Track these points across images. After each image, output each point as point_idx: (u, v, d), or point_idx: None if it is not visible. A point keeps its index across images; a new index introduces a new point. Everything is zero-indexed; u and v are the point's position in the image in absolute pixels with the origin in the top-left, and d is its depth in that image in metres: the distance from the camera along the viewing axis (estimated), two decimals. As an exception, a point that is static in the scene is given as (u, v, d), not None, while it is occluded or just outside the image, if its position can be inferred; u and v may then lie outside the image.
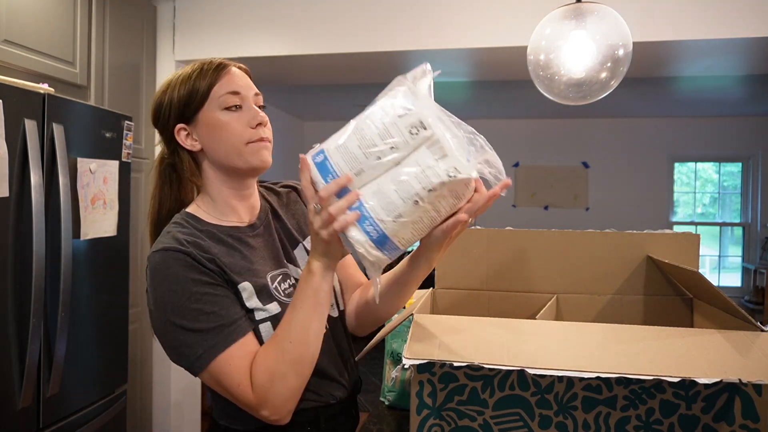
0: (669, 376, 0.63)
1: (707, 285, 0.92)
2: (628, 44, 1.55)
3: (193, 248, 0.88)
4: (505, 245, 1.19)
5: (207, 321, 0.84)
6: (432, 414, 0.79)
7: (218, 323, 0.84)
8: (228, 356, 0.83)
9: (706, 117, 5.74)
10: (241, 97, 0.95)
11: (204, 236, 0.92)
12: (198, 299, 0.84)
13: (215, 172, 0.97)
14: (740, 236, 5.91)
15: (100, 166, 2.05)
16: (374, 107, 0.78)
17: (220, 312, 0.85)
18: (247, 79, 0.98)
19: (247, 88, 0.96)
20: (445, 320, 0.84)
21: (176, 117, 0.96)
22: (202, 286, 0.85)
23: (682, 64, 2.94)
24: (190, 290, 0.84)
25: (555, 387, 0.75)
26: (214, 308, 0.85)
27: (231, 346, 0.83)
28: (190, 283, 0.85)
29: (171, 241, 0.88)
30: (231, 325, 0.85)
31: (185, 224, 0.94)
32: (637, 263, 1.16)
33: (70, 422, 1.93)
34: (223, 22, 2.81)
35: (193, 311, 0.84)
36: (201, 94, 0.94)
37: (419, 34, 2.60)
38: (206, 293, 0.85)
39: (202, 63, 0.97)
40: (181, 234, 0.90)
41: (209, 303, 0.85)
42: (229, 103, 0.94)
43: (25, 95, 1.72)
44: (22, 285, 1.71)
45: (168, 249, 0.87)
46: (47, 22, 2.13)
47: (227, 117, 0.93)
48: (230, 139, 0.93)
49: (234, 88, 0.95)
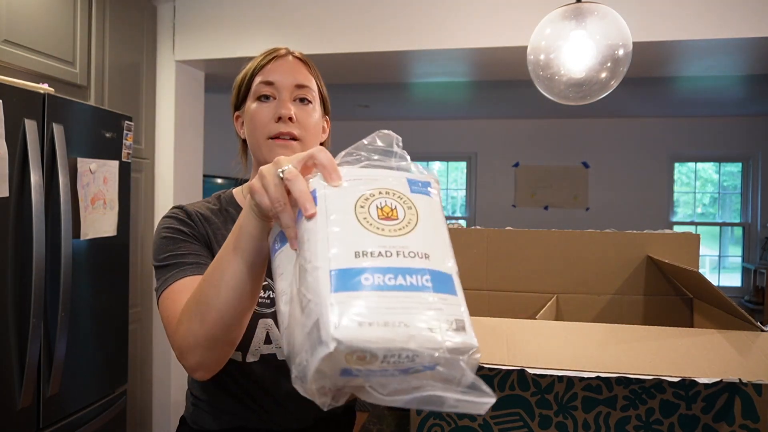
0: (669, 375, 0.63)
1: (707, 285, 0.92)
2: (628, 44, 1.55)
3: (198, 217, 0.94)
4: (506, 245, 1.19)
5: (173, 258, 0.87)
6: (432, 414, 0.79)
7: (179, 260, 0.87)
8: (172, 289, 0.83)
9: (706, 117, 5.74)
10: (275, 88, 0.92)
11: (220, 213, 0.98)
12: (172, 241, 0.89)
13: (254, 162, 0.98)
14: (740, 236, 5.91)
15: (100, 166, 2.05)
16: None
17: (185, 253, 0.88)
18: (294, 70, 0.94)
19: (286, 79, 0.92)
20: (445, 320, 0.84)
21: (234, 104, 0.99)
22: (181, 233, 0.91)
23: (682, 64, 2.94)
24: (169, 235, 0.90)
25: (555, 387, 0.75)
26: (181, 250, 0.88)
27: (179, 280, 0.83)
28: (173, 230, 0.91)
29: (190, 205, 0.97)
30: (189, 264, 0.86)
31: (215, 201, 1.01)
32: (637, 263, 1.16)
33: (70, 422, 1.93)
34: (223, 22, 2.81)
35: (165, 250, 0.88)
36: (247, 83, 0.95)
37: (419, 34, 2.60)
38: (181, 239, 0.90)
39: (267, 49, 0.98)
40: (205, 204, 0.99)
41: (180, 245, 0.89)
42: (261, 92, 0.92)
43: (25, 95, 1.72)
44: (22, 285, 1.71)
45: (181, 206, 0.96)
46: (47, 22, 2.13)
47: (256, 107, 0.93)
48: (255, 131, 0.92)
49: (269, 77, 0.92)
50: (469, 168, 6.34)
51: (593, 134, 5.98)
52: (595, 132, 5.97)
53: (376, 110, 5.83)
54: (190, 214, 0.94)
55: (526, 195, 6.12)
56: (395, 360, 0.45)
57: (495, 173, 6.19)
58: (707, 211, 6.06)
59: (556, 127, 6.03)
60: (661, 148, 5.85)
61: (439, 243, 0.54)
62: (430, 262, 0.51)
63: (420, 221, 0.54)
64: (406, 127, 6.36)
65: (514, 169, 6.14)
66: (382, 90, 4.82)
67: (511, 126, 6.15)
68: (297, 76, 0.93)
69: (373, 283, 0.47)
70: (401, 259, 0.50)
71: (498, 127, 6.18)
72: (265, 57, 0.95)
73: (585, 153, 5.99)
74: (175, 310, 0.78)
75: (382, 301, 0.46)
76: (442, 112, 5.91)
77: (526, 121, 6.10)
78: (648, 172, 5.87)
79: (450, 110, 5.79)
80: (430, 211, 0.56)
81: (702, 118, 5.76)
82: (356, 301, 0.46)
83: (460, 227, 1.22)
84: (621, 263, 1.16)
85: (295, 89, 0.92)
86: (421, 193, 0.57)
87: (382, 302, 0.46)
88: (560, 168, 6.04)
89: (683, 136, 5.81)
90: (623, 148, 5.91)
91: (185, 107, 3.03)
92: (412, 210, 0.54)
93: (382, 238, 0.51)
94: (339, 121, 7.45)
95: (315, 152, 0.56)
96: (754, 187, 5.75)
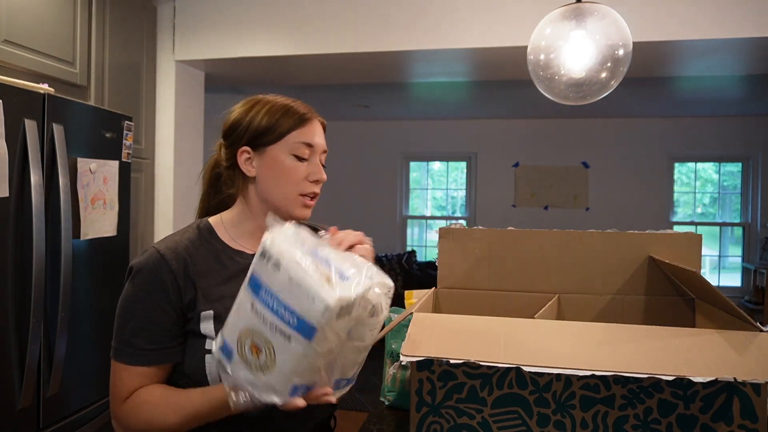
0: (664, 374, 0.63)
1: (707, 285, 0.92)
2: (628, 44, 1.55)
3: (181, 266, 0.93)
4: (507, 245, 1.19)
5: (132, 332, 0.91)
6: (431, 412, 0.79)
7: (135, 341, 0.90)
8: (124, 369, 0.91)
9: (706, 117, 5.74)
10: (312, 151, 1.00)
11: (205, 251, 0.98)
12: (142, 312, 0.91)
13: (257, 202, 1.01)
14: (740, 236, 5.91)
15: (100, 166, 2.05)
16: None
17: (151, 332, 0.91)
18: (323, 135, 1.03)
19: (320, 144, 1.01)
20: (443, 319, 0.84)
21: (247, 140, 0.99)
22: (155, 306, 0.91)
23: (682, 64, 2.94)
24: (145, 300, 0.91)
25: (553, 386, 0.75)
26: (148, 325, 0.91)
27: (132, 366, 0.91)
28: (148, 296, 0.91)
29: (171, 245, 0.95)
30: (141, 350, 0.90)
31: (198, 232, 1.00)
32: (638, 263, 1.16)
33: (70, 422, 1.93)
34: (223, 22, 2.81)
35: (133, 316, 0.91)
36: (279, 132, 0.98)
37: (419, 34, 2.60)
38: (152, 314, 0.91)
39: (291, 104, 1.01)
40: (188, 241, 0.97)
41: (146, 322, 0.91)
42: (300, 152, 0.98)
43: (25, 95, 1.72)
44: (22, 285, 1.72)
45: (161, 253, 0.93)
46: (47, 22, 2.13)
47: (293, 164, 0.98)
48: (287, 185, 0.98)
49: (310, 140, 0.99)
50: (469, 168, 6.34)
51: (593, 134, 5.98)
52: (595, 132, 5.97)
53: (376, 110, 5.83)
54: (174, 271, 0.92)
55: (526, 195, 6.12)
56: None
57: (495, 173, 6.19)
58: (707, 211, 6.06)
59: (556, 127, 6.03)
60: (661, 148, 5.85)
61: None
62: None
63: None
64: (406, 127, 6.37)
65: (514, 169, 6.14)
66: (382, 90, 4.82)
67: (511, 126, 6.15)
68: (324, 143, 1.04)
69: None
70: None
71: (498, 127, 6.18)
72: (299, 112, 1.00)
73: (585, 153, 5.99)
74: (124, 390, 0.91)
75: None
76: (442, 112, 5.91)
77: (526, 121, 6.09)
78: (648, 172, 5.87)
79: (450, 110, 5.79)
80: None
81: (702, 118, 5.76)
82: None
83: (462, 227, 1.22)
84: (623, 263, 1.16)
85: (322, 154, 1.03)
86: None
87: None
88: (560, 168, 6.03)
89: (683, 136, 5.81)
90: (623, 148, 5.91)
91: (185, 107, 3.03)
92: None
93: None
94: (339, 121, 7.42)
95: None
96: (754, 187, 5.75)
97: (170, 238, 0.98)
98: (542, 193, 6.07)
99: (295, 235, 0.74)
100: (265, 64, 2.97)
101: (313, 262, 0.68)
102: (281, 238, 0.73)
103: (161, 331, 0.91)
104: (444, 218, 6.50)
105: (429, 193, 6.65)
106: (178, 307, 0.92)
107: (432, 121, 6.30)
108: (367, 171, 6.40)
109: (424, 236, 6.63)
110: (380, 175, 6.42)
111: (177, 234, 1.00)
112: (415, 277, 5.90)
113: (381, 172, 6.42)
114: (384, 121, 6.39)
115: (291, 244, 0.71)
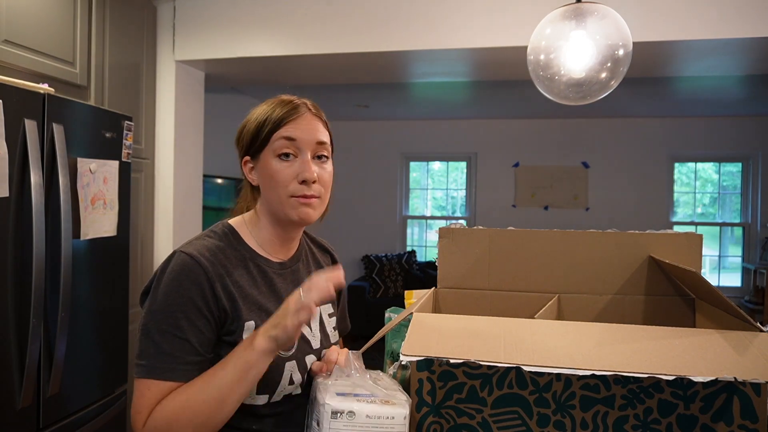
0: (664, 374, 0.63)
1: (706, 285, 0.92)
2: (628, 44, 1.55)
3: (216, 271, 0.88)
4: (508, 245, 1.19)
5: (170, 344, 0.84)
6: (431, 412, 0.79)
7: (174, 353, 0.84)
8: (151, 385, 0.83)
9: (706, 117, 5.74)
10: (297, 145, 0.93)
11: (234, 258, 0.93)
12: (180, 321, 0.84)
13: (263, 210, 0.99)
14: (740, 236, 5.91)
15: (100, 166, 2.05)
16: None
17: (184, 345, 0.84)
18: (313, 127, 0.95)
19: (307, 136, 0.93)
20: (443, 319, 0.84)
21: (246, 149, 0.97)
22: (194, 312, 0.85)
23: (682, 64, 2.94)
24: (181, 308, 0.85)
25: (553, 386, 0.75)
26: (185, 336, 0.84)
27: (161, 381, 0.83)
28: (187, 302, 0.85)
29: (202, 250, 0.89)
30: (181, 364, 0.84)
31: (222, 237, 0.95)
32: (638, 263, 1.16)
33: (70, 422, 1.93)
34: (223, 22, 2.81)
35: (169, 326, 0.84)
36: (264, 135, 0.93)
37: (419, 34, 2.60)
38: (192, 322, 0.85)
39: (279, 100, 0.96)
40: (216, 248, 0.91)
41: (185, 331, 0.85)
42: (282, 150, 0.92)
43: (25, 95, 1.72)
44: (22, 285, 1.72)
45: (195, 258, 0.87)
46: (47, 22, 2.13)
47: (277, 165, 0.93)
48: (276, 189, 0.93)
49: (290, 133, 0.92)
50: (469, 168, 6.34)
51: (593, 134, 5.98)
52: (595, 132, 5.97)
53: (376, 110, 5.83)
54: (210, 278, 0.87)
55: (526, 195, 6.12)
56: None
57: (495, 173, 6.19)
58: (707, 211, 6.06)
59: (556, 127, 6.03)
60: (661, 148, 5.85)
61: None
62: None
63: None
64: (406, 127, 6.37)
65: (514, 169, 6.14)
66: (382, 90, 4.82)
67: (511, 126, 6.15)
68: (316, 134, 0.95)
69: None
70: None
71: (498, 127, 6.18)
72: (282, 110, 0.94)
73: (585, 153, 5.99)
74: (146, 406, 0.82)
75: None
76: (442, 112, 5.91)
77: (526, 121, 6.10)
78: (648, 172, 5.87)
79: (450, 110, 5.79)
80: None
81: (702, 118, 5.76)
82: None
83: (462, 227, 1.22)
84: (623, 263, 1.16)
85: (315, 146, 0.95)
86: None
87: None
88: (560, 168, 6.04)
89: (683, 136, 5.81)
90: (623, 148, 5.91)
91: (185, 107, 3.03)
92: None
93: None
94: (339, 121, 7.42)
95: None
96: (754, 187, 5.75)
97: (197, 242, 0.92)
98: (542, 193, 6.07)
99: (331, 388, 0.83)
100: (265, 64, 2.97)
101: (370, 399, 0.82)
102: (332, 395, 0.82)
103: (204, 342, 0.86)
104: (444, 218, 6.50)
105: (429, 193, 6.65)
106: (216, 315, 0.88)
107: (432, 121, 6.30)
108: (367, 171, 6.40)
109: (424, 236, 6.63)
110: (380, 175, 6.42)
111: (201, 238, 0.94)
112: (415, 277, 5.90)
113: (381, 172, 6.42)
114: (384, 121, 6.40)
115: (345, 398, 0.81)
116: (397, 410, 0.77)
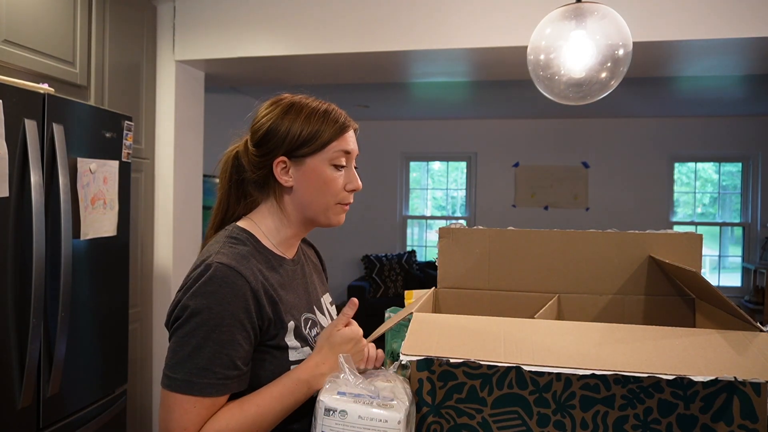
0: (664, 373, 0.63)
1: (706, 286, 0.92)
2: (628, 44, 1.55)
3: (257, 280, 0.89)
4: (508, 245, 1.19)
5: (209, 359, 0.83)
6: (431, 412, 0.79)
7: (214, 369, 0.83)
8: (194, 402, 0.83)
9: (706, 117, 5.74)
10: (348, 158, 0.99)
11: (263, 262, 0.94)
12: (222, 335, 0.84)
13: (294, 211, 1.00)
14: (740, 236, 5.91)
15: (100, 166, 2.05)
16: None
17: (234, 356, 0.84)
18: (355, 140, 1.02)
19: (356, 149, 1.01)
20: (443, 318, 0.84)
21: (285, 150, 0.96)
22: (237, 328, 0.85)
23: (682, 64, 2.94)
24: (224, 323, 0.84)
25: (553, 386, 0.75)
26: (231, 349, 0.84)
27: (203, 397, 0.83)
28: (229, 317, 0.84)
29: (239, 259, 0.89)
30: (222, 378, 0.84)
31: (245, 242, 0.95)
32: (638, 263, 1.16)
33: (70, 422, 1.93)
34: (223, 22, 2.81)
35: (209, 340, 0.83)
36: (321, 143, 0.95)
37: (419, 34, 2.60)
38: (233, 336, 0.85)
39: (329, 111, 0.97)
40: (248, 254, 0.92)
41: (227, 347, 0.84)
42: (340, 161, 0.97)
43: (25, 95, 1.72)
44: (22, 285, 1.72)
45: (236, 269, 0.87)
46: (47, 22, 2.13)
47: (333, 174, 0.97)
48: (326, 195, 0.97)
49: (348, 147, 0.98)
50: (469, 168, 6.34)
51: (593, 134, 5.98)
52: (595, 132, 5.97)
53: (376, 110, 5.83)
54: (256, 293, 0.88)
55: (526, 195, 6.12)
56: None
57: (495, 173, 6.19)
58: (707, 211, 6.06)
59: (556, 127, 6.03)
60: (661, 148, 5.85)
61: None
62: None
63: None
64: (406, 127, 6.37)
65: (514, 169, 6.14)
66: (382, 90, 4.82)
67: (511, 126, 6.15)
68: (357, 147, 1.03)
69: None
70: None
71: (498, 127, 6.18)
72: (341, 126, 0.97)
73: (585, 153, 6.00)
74: (192, 424, 0.83)
75: None
76: (442, 112, 5.91)
77: (526, 121, 6.10)
78: (648, 172, 5.87)
79: (450, 110, 5.79)
80: None
81: (702, 118, 5.76)
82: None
83: (462, 227, 1.22)
84: (623, 263, 1.16)
85: (354, 159, 1.03)
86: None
87: None
88: (560, 168, 6.04)
89: (683, 136, 5.81)
90: (623, 148, 5.92)
91: (185, 107, 3.03)
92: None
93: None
94: (339, 121, 7.32)
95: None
96: (754, 187, 5.75)
97: (228, 251, 0.90)
98: (542, 193, 6.07)
99: (334, 386, 0.86)
100: (265, 64, 2.97)
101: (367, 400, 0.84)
102: (331, 393, 0.85)
103: (244, 355, 0.86)
104: (444, 218, 6.50)
105: (429, 193, 6.65)
106: (258, 325, 0.88)
107: (432, 121, 6.30)
108: (367, 171, 6.39)
109: (424, 236, 6.63)
110: (380, 175, 6.42)
111: (227, 245, 0.92)
112: (415, 277, 5.90)
113: (381, 172, 6.42)
114: (384, 121, 6.40)
115: (342, 397, 0.84)
116: (392, 414, 0.78)
